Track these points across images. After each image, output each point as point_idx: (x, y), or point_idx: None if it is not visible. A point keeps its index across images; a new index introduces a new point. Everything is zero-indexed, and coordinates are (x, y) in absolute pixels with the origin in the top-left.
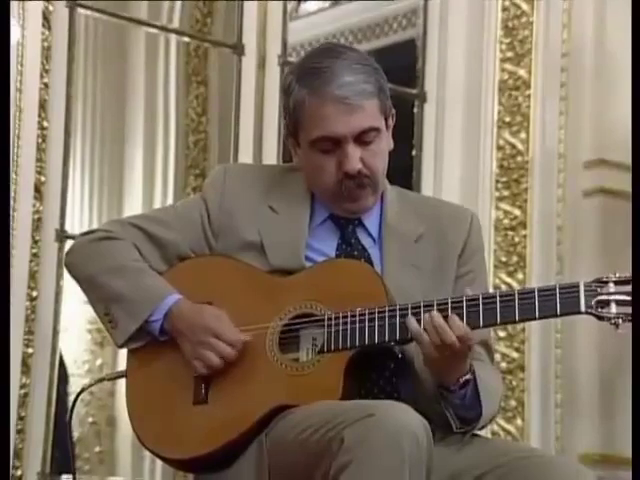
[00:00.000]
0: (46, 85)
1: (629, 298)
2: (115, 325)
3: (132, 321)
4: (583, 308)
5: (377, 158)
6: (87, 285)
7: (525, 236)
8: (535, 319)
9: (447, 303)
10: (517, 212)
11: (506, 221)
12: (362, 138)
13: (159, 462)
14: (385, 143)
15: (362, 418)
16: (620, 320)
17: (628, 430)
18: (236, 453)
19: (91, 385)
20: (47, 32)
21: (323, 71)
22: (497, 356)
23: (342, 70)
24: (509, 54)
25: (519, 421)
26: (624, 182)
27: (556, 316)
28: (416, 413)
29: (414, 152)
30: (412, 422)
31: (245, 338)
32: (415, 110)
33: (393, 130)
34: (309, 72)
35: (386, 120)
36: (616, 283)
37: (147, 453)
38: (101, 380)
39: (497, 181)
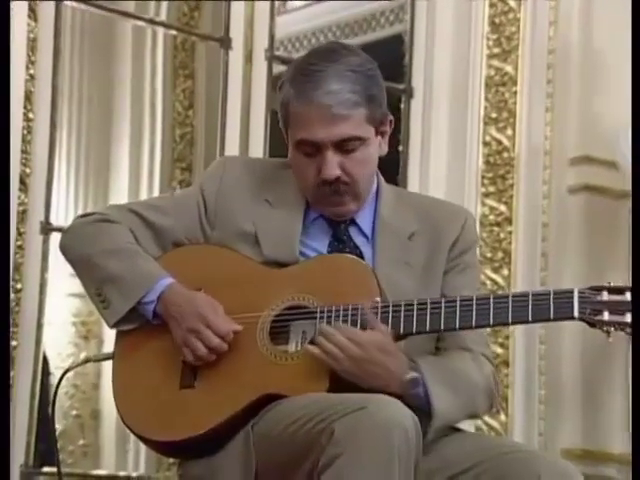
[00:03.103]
0: (32, 77)
1: (622, 308)
2: (108, 305)
3: (125, 301)
4: (576, 314)
5: (360, 167)
6: (81, 265)
7: (510, 232)
8: (528, 322)
9: (440, 302)
10: (503, 208)
11: (492, 217)
12: (343, 146)
13: (143, 455)
14: (372, 151)
15: (353, 411)
16: (612, 328)
17: (611, 426)
18: (221, 440)
19: (77, 365)
20: (33, 23)
21: (314, 74)
22: None
23: (332, 77)
24: (496, 50)
25: (503, 417)
26: (609, 179)
27: (549, 321)
28: (406, 407)
29: (400, 147)
30: (402, 416)
31: (237, 328)
32: (402, 105)
33: None
34: (301, 73)
35: (377, 128)
36: (610, 291)
37: (131, 446)
38: (87, 361)
39: (483, 177)
